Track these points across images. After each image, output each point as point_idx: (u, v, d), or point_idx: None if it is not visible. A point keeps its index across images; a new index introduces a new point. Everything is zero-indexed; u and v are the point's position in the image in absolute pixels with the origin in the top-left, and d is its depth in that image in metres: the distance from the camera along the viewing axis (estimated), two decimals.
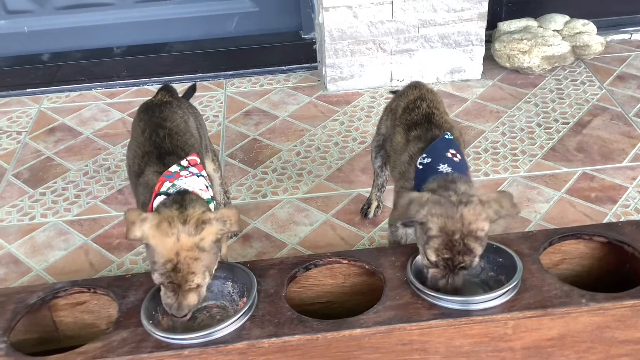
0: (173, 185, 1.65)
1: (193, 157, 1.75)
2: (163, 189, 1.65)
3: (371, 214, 2.37)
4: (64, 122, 3.07)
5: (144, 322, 1.59)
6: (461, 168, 1.70)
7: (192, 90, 2.46)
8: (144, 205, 1.73)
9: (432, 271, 1.61)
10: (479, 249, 1.56)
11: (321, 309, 1.85)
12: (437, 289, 1.61)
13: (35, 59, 3.41)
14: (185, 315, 1.57)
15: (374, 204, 2.37)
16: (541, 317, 1.61)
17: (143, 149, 1.87)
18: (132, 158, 1.91)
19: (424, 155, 1.74)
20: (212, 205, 1.67)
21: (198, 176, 1.70)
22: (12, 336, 1.66)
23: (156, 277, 1.54)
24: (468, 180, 1.68)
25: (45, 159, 2.81)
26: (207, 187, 1.70)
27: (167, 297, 1.56)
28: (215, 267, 1.59)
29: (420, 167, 1.73)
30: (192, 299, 1.55)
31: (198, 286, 1.54)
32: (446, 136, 1.79)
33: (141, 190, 1.78)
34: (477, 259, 1.57)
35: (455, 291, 1.60)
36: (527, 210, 2.37)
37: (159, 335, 1.57)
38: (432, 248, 1.56)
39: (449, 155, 1.72)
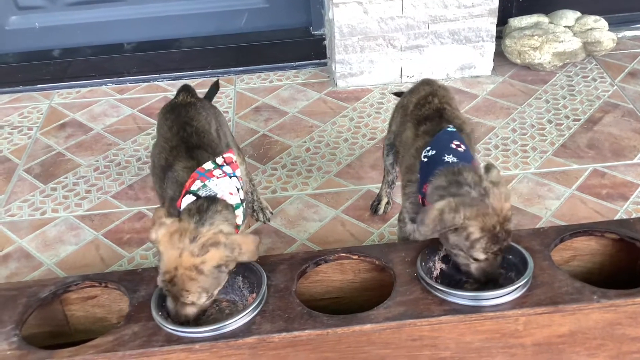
0: (204, 185, 1.65)
1: (229, 155, 1.75)
2: (193, 187, 1.66)
3: (381, 211, 2.36)
4: (74, 117, 3.08)
5: (154, 314, 1.60)
6: (466, 158, 1.70)
7: (215, 89, 2.47)
8: (172, 201, 1.74)
9: (477, 265, 1.61)
10: (512, 226, 1.59)
11: (331, 305, 1.85)
12: (484, 280, 1.61)
13: (46, 54, 3.42)
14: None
15: (384, 201, 2.36)
16: (552, 314, 1.60)
17: (171, 144, 1.89)
18: (159, 153, 1.92)
19: (428, 148, 1.74)
20: (239, 211, 1.67)
21: (231, 177, 1.70)
22: (24, 330, 1.67)
23: (158, 281, 1.57)
24: (473, 167, 1.67)
25: (56, 154, 2.83)
26: (238, 189, 1.69)
27: (168, 301, 1.59)
28: (218, 289, 1.59)
29: (425, 159, 1.73)
30: (189, 311, 1.57)
31: (193, 303, 1.55)
32: (449, 128, 1.78)
33: (169, 184, 1.79)
34: (509, 238, 1.60)
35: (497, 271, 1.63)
36: (538, 206, 2.36)
37: (170, 328, 1.57)
38: (479, 249, 1.56)
39: (453, 146, 1.71)
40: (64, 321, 1.83)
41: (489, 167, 1.65)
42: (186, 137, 1.89)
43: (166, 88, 3.25)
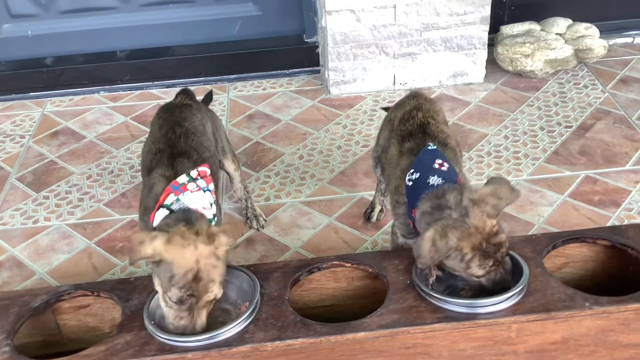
0: (178, 200, 1.65)
1: (204, 168, 1.74)
2: (167, 201, 1.65)
3: (374, 218, 2.37)
4: (67, 125, 3.07)
5: (147, 323, 1.59)
6: (450, 176, 1.69)
7: (209, 99, 2.47)
8: (146, 209, 1.73)
9: (482, 280, 1.61)
10: (503, 235, 1.59)
11: (324, 313, 1.85)
12: (495, 289, 1.62)
13: (39, 62, 3.41)
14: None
15: (377, 208, 2.37)
16: (545, 321, 1.60)
17: (157, 146, 1.89)
18: (146, 153, 1.92)
19: (412, 170, 1.74)
20: (213, 225, 1.67)
21: (204, 191, 1.69)
22: (16, 339, 1.66)
23: (174, 294, 1.51)
24: (456, 187, 1.66)
25: (49, 162, 2.82)
26: (211, 204, 1.69)
27: (179, 319, 1.54)
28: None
29: (410, 183, 1.72)
30: (202, 316, 1.55)
31: (214, 299, 1.54)
32: (429, 147, 1.77)
33: (146, 190, 1.78)
34: (507, 242, 1.60)
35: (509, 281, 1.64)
36: (530, 213, 2.37)
37: (163, 337, 1.57)
38: (476, 267, 1.57)
39: (437, 165, 1.71)
40: (56, 330, 1.82)
41: (465, 187, 1.65)
42: (173, 140, 1.88)
43: (159, 96, 3.25)
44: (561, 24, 3.27)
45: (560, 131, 2.82)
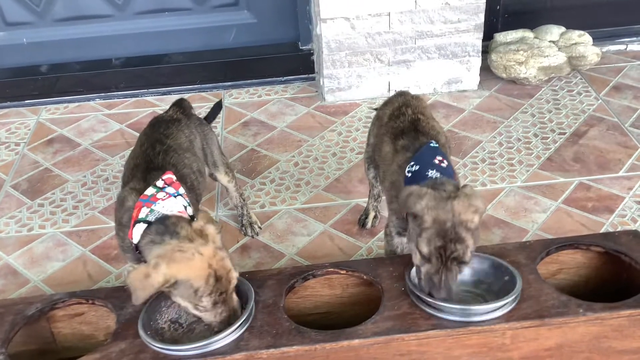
0: (152, 210, 1.64)
1: (168, 176, 1.73)
2: (141, 215, 1.64)
3: (369, 225, 2.37)
4: (62, 133, 3.07)
5: (141, 333, 1.59)
6: (449, 173, 1.73)
7: (218, 108, 2.48)
8: (121, 224, 1.72)
9: (425, 268, 1.60)
10: (470, 240, 1.57)
11: (319, 320, 1.86)
12: (431, 291, 1.60)
13: (34, 70, 3.42)
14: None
15: (372, 214, 2.37)
16: (539, 327, 1.61)
17: (135, 161, 1.88)
18: (125, 168, 1.92)
19: (412, 163, 1.76)
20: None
21: (175, 196, 1.69)
22: (10, 347, 1.66)
23: (206, 301, 1.55)
24: (456, 183, 1.70)
25: (44, 170, 2.82)
26: (185, 207, 1.69)
27: (219, 315, 1.59)
28: None
29: (409, 175, 1.75)
30: (235, 301, 1.62)
31: (236, 280, 1.60)
32: (432, 144, 1.80)
33: (117, 205, 1.77)
34: (469, 252, 1.57)
35: (449, 293, 1.59)
36: (525, 220, 2.38)
37: (157, 347, 1.56)
38: (425, 239, 1.57)
39: (436, 161, 1.74)
40: (50, 339, 1.82)
41: (466, 186, 1.68)
42: (150, 157, 1.87)
43: (154, 103, 3.25)
44: (554, 31, 3.29)
45: (554, 138, 2.83)
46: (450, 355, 1.62)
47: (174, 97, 3.24)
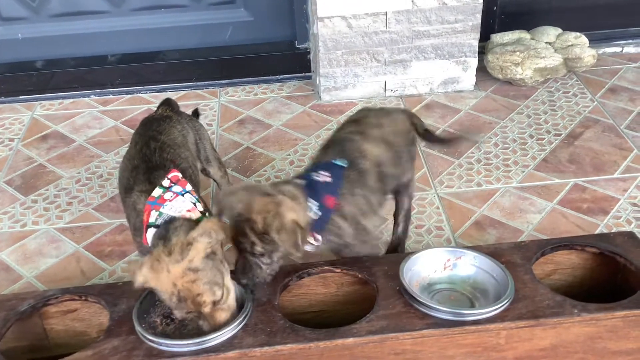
0: (160, 214, 1.64)
1: (174, 174, 1.73)
2: (151, 220, 1.64)
3: None
4: (56, 129, 3.06)
5: (136, 325, 1.58)
6: (314, 186, 1.71)
7: (195, 115, 2.50)
8: (136, 229, 1.74)
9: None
10: (253, 237, 1.59)
11: (314, 318, 1.85)
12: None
13: (29, 66, 3.40)
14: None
15: None
16: (533, 327, 1.61)
17: (133, 163, 1.87)
18: (123, 170, 1.91)
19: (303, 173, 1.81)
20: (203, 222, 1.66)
21: (183, 194, 1.68)
22: (2, 344, 1.65)
23: (177, 315, 1.54)
24: (301, 191, 1.68)
25: (38, 166, 2.80)
26: (194, 203, 1.68)
27: (203, 326, 1.57)
28: (226, 279, 1.57)
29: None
30: (221, 317, 1.55)
31: (214, 303, 1.52)
32: (334, 161, 1.80)
33: (129, 211, 1.78)
34: (257, 248, 1.60)
35: (249, 279, 1.64)
36: (520, 220, 2.38)
37: (151, 342, 1.56)
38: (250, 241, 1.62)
39: (315, 174, 1.75)
40: (43, 335, 1.80)
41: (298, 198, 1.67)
42: (148, 155, 1.87)
43: (150, 100, 3.24)
44: (551, 33, 3.29)
45: (550, 139, 2.83)
46: (444, 354, 1.62)
47: (170, 95, 3.26)
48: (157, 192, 1.68)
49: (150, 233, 1.64)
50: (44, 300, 1.75)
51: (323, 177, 1.73)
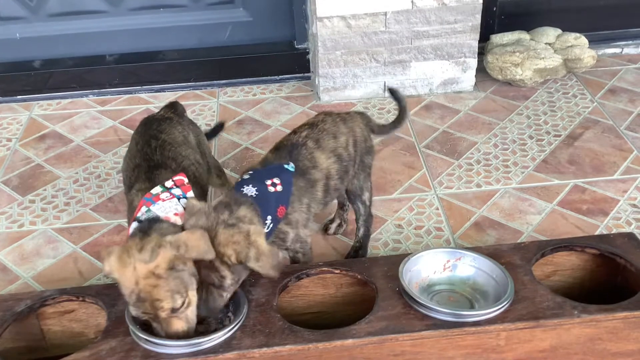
0: (148, 210, 1.62)
1: (180, 177, 1.72)
2: (139, 214, 1.63)
3: (331, 230, 2.32)
4: (54, 129, 3.05)
5: (130, 325, 1.57)
6: (267, 199, 1.68)
7: (220, 128, 2.54)
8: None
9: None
10: (226, 272, 1.56)
11: (313, 319, 1.84)
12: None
13: (27, 65, 3.39)
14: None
15: (336, 222, 2.33)
16: (533, 329, 1.60)
17: (134, 162, 1.87)
18: (125, 170, 1.91)
19: (251, 171, 1.76)
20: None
21: (179, 198, 1.66)
22: None
23: (132, 310, 1.52)
24: (255, 211, 1.64)
25: (35, 166, 2.79)
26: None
27: (156, 328, 1.55)
28: (191, 289, 1.53)
29: (239, 180, 1.75)
30: (177, 325, 1.52)
31: (173, 311, 1.50)
32: (285, 165, 1.78)
33: (127, 208, 1.77)
34: (226, 281, 1.57)
35: (209, 312, 1.60)
36: (519, 221, 2.37)
37: (147, 343, 1.55)
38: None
39: (269, 182, 1.72)
40: (40, 336, 1.79)
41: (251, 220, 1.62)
42: (149, 154, 1.86)
43: (148, 100, 3.23)
44: (550, 33, 3.29)
45: (549, 140, 2.83)
46: (444, 356, 1.61)
47: (168, 95, 3.25)
48: (156, 190, 1.67)
49: (133, 227, 1.62)
50: (41, 301, 1.74)
51: (274, 185, 1.71)
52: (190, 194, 1.70)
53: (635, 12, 3.51)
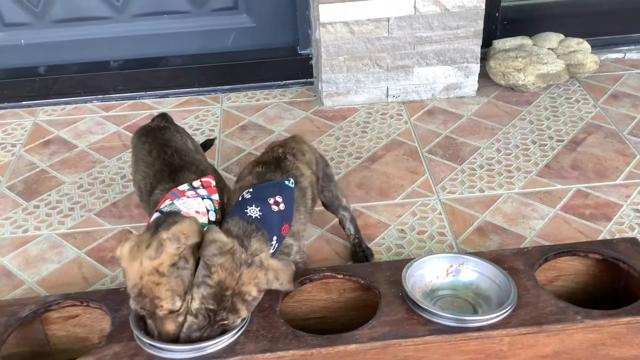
0: (171, 203, 1.64)
1: (208, 179, 1.74)
2: (162, 206, 1.65)
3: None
4: (59, 134, 3.06)
5: (134, 330, 1.58)
6: (272, 219, 1.68)
7: (210, 143, 2.55)
8: None
9: (189, 321, 1.56)
10: (244, 312, 1.56)
11: (316, 324, 1.84)
12: (189, 340, 1.56)
13: (32, 71, 3.41)
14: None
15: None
16: (536, 334, 1.60)
17: (154, 168, 1.88)
18: (143, 179, 1.91)
19: (250, 190, 1.74)
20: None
21: (203, 198, 1.68)
22: (4, 349, 1.64)
23: (131, 303, 1.54)
24: (263, 238, 1.64)
25: (40, 171, 2.80)
26: (208, 210, 1.67)
27: (150, 325, 1.56)
28: (192, 293, 1.54)
29: (240, 199, 1.72)
30: (169, 327, 1.53)
31: (171, 312, 1.51)
32: (287, 182, 1.78)
33: (151, 210, 1.77)
34: (239, 320, 1.57)
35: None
36: (522, 226, 2.37)
37: (151, 347, 1.55)
38: (200, 294, 1.54)
39: (270, 202, 1.71)
40: (44, 341, 1.80)
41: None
42: (168, 159, 1.88)
43: (152, 106, 3.25)
44: (553, 38, 3.29)
45: (552, 145, 2.83)
46: None
47: (172, 100, 3.26)
48: (183, 186, 1.70)
49: (154, 217, 1.64)
50: (46, 306, 1.74)
51: (277, 204, 1.71)
52: (215, 196, 1.71)
53: (637, 17, 3.51)
